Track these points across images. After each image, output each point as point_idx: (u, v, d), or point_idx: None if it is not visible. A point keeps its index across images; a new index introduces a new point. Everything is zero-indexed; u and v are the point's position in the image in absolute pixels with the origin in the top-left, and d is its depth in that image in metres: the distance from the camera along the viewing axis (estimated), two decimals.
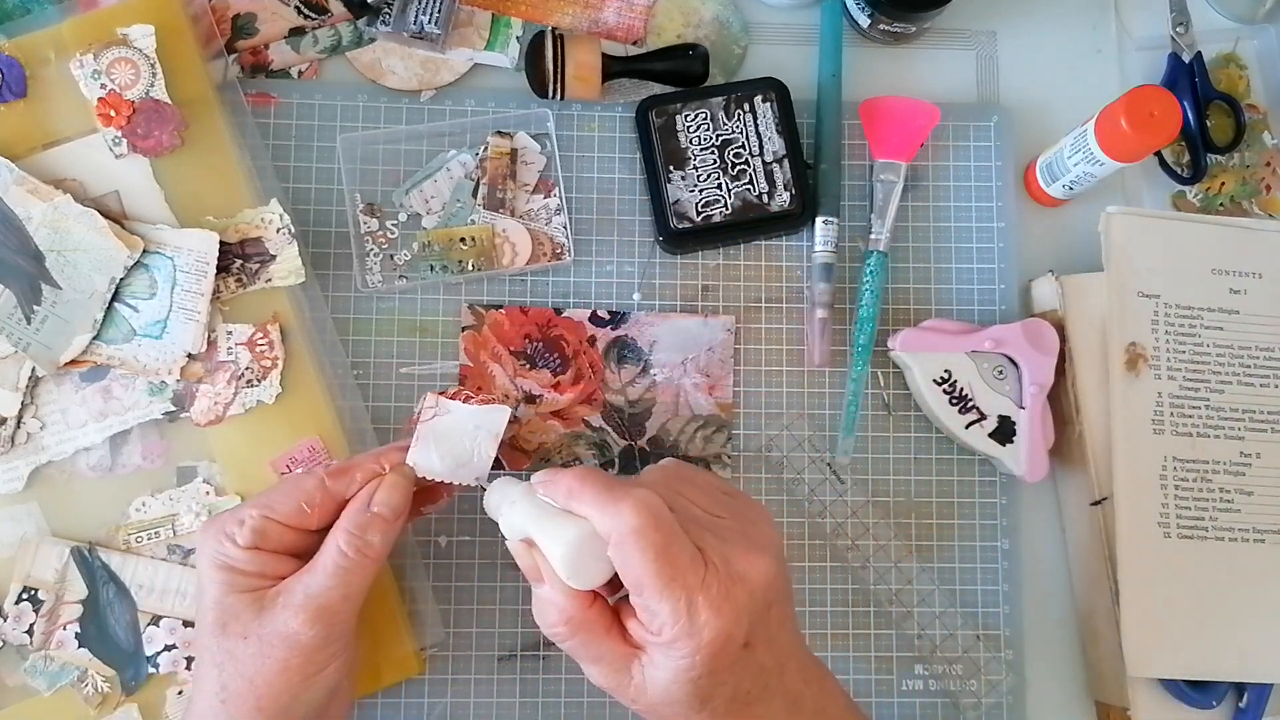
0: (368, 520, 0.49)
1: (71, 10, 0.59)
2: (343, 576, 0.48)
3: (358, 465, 0.51)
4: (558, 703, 0.60)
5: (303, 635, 0.47)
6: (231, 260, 0.59)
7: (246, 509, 0.49)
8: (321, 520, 0.50)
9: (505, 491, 0.50)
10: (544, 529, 0.47)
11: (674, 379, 0.62)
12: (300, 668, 0.47)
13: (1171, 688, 0.59)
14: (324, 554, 0.49)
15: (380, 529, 0.49)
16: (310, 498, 0.49)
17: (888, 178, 0.64)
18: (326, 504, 0.50)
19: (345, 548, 0.48)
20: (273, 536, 0.49)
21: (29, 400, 0.57)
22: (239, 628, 0.47)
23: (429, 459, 0.52)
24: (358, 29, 0.64)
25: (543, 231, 0.63)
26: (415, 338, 0.62)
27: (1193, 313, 0.62)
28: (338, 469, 0.51)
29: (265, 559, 0.49)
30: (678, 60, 0.64)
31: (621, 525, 0.44)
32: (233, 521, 0.49)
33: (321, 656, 0.48)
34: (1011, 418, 0.61)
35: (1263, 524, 0.61)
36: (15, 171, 0.57)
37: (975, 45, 0.68)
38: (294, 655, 0.47)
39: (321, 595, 0.47)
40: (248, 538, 0.48)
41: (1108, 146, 0.59)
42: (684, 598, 0.43)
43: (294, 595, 0.48)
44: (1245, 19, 0.70)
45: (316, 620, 0.47)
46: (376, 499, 0.50)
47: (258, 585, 0.48)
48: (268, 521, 0.49)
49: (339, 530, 0.49)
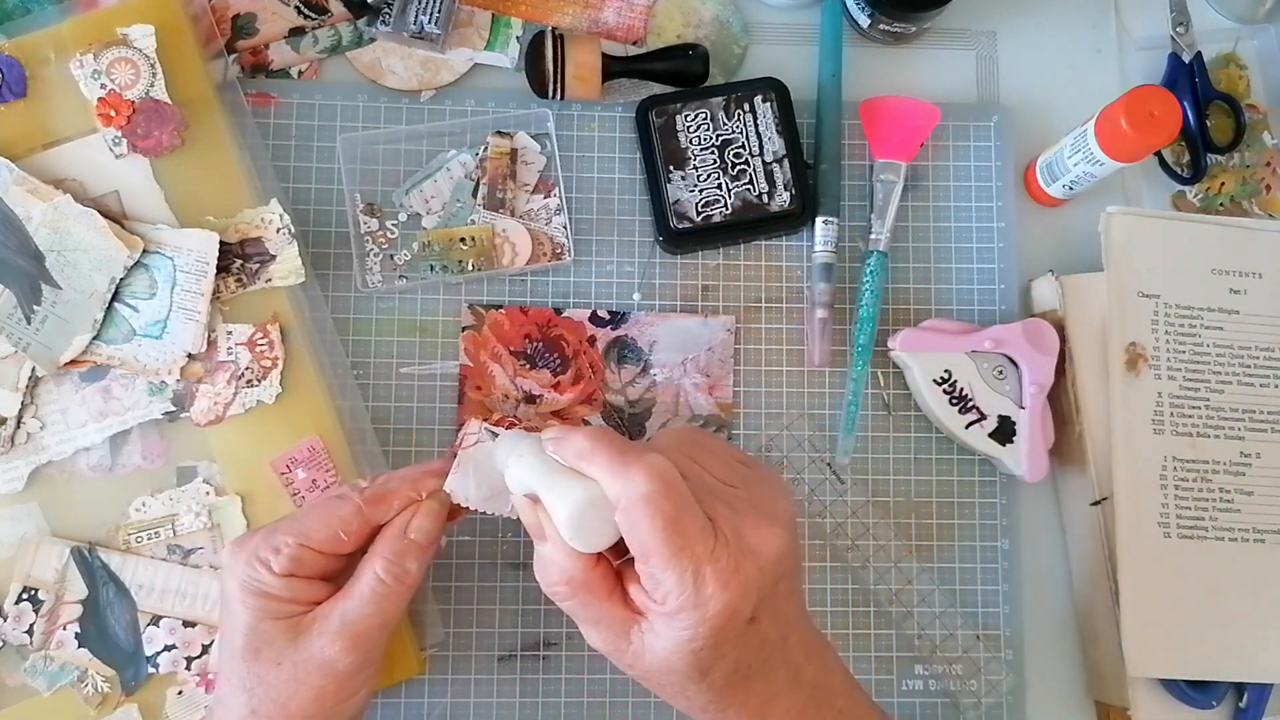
0: (405, 547, 0.48)
1: (71, 10, 0.59)
2: (380, 604, 0.48)
3: (395, 493, 0.50)
4: (558, 703, 0.60)
5: (340, 663, 0.47)
6: (231, 260, 0.59)
7: (281, 535, 0.48)
8: (355, 545, 0.49)
9: (514, 445, 0.49)
10: (551, 487, 0.46)
11: (674, 379, 0.62)
12: (335, 693, 0.47)
13: (1171, 688, 0.59)
14: (361, 581, 0.48)
15: (417, 556, 0.49)
16: (347, 525, 0.49)
17: (888, 178, 0.64)
18: (362, 530, 0.49)
19: (383, 575, 0.48)
20: (307, 563, 0.48)
21: (29, 400, 0.57)
22: (272, 654, 0.47)
23: (465, 487, 0.50)
24: (358, 29, 0.64)
25: (543, 231, 0.63)
26: (415, 338, 0.62)
27: (1193, 313, 0.62)
28: (374, 495, 0.50)
29: (300, 586, 0.48)
30: (678, 60, 0.64)
31: (631, 491, 0.43)
32: (267, 548, 0.48)
33: (355, 682, 0.48)
34: (1011, 418, 0.61)
35: (1263, 524, 0.61)
36: (15, 171, 0.57)
37: (975, 45, 0.68)
38: (330, 682, 0.47)
39: (359, 622, 0.47)
40: (284, 565, 0.48)
41: (1108, 146, 0.59)
42: (691, 569, 0.42)
43: (330, 622, 0.47)
44: (1245, 19, 0.70)
45: (354, 648, 0.47)
46: (413, 526, 0.49)
47: (292, 612, 0.48)
48: (304, 549, 0.48)
49: (376, 557, 0.48)
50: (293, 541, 0.48)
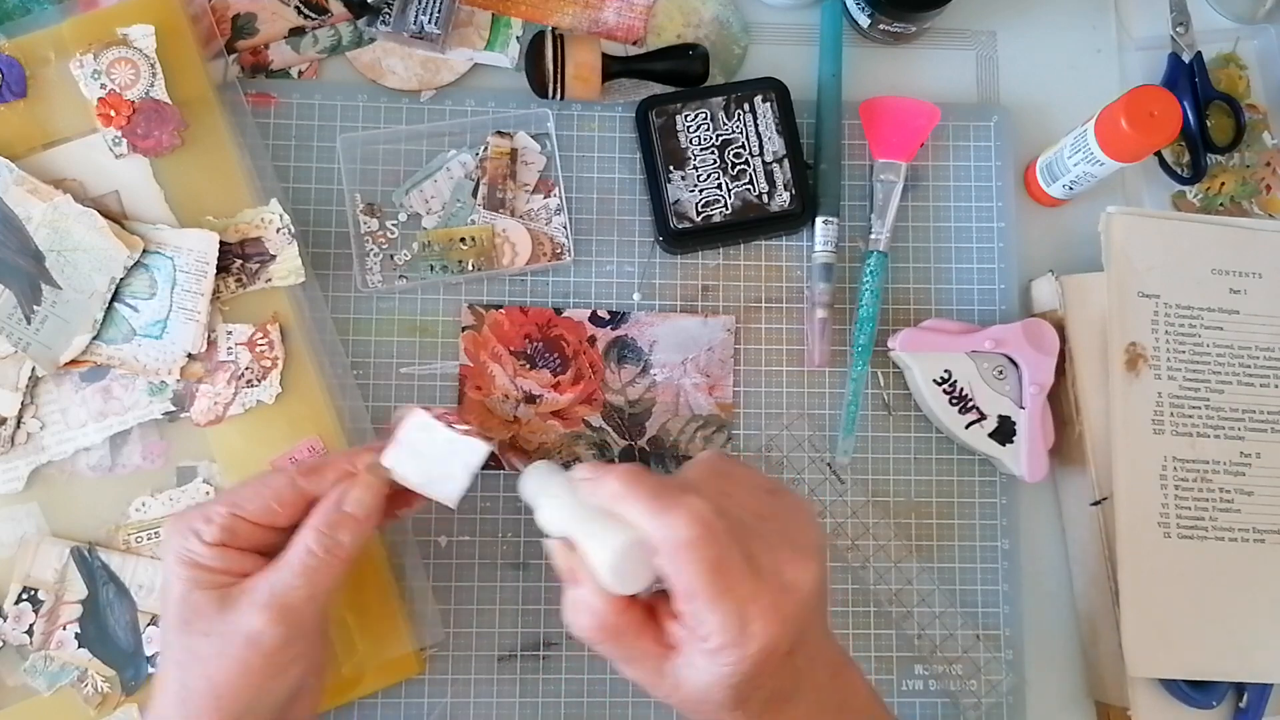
0: (338, 519, 0.48)
1: (71, 10, 0.59)
2: (309, 576, 0.47)
3: (330, 464, 0.50)
4: (558, 703, 0.60)
5: (265, 635, 0.46)
6: (231, 260, 0.59)
7: (215, 505, 0.48)
8: (291, 518, 0.49)
9: (544, 483, 0.49)
10: (589, 533, 0.45)
11: (674, 379, 0.62)
12: (261, 668, 0.46)
13: (1171, 688, 0.59)
14: (291, 552, 0.47)
15: (351, 528, 0.48)
16: (280, 495, 0.48)
17: (888, 178, 0.64)
18: (297, 502, 0.49)
19: (314, 546, 0.47)
20: (241, 534, 0.48)
21: (29, 400, 0.57)
22: (202, 625, 0.46)
23: (403, 465, 0.50)
24: (358, 29, 0.64)
25: (543, 231, 0.63)
26: (415, 338, 0.62)
27: (1193, 313, 0.62)
28: (309, 467, 0.50)
29: (232, 556, 0.47)
30: (678, 60, 0.64)
31: (673, 536, 0.43)
32: (199, 518, 0.48)
33: (283, 658, 0.47)
34: (1011, 418, 0.61)
35: (1263, 524, 0.61)
36: (15, 171, 0.57)
37: (975, 45, 0.68)
38: (255, 655, 0.46)
39: (286, 594, 0.46)
40: (215, 535, 0.47)
41: (1108, 146, 0.59)
42: (735, 610, 0.42)
43: (258, 593, 0.46)
44: (1245, 19, 0.70)
45: (280, 620, 0.46)
46: (348, 498, 0.48)
47: (223, 582, 0.47)
48: (236, 519, 0.48)
49: (308, 528, 0.48)
50: (224, 511, 0.48)
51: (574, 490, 0.47)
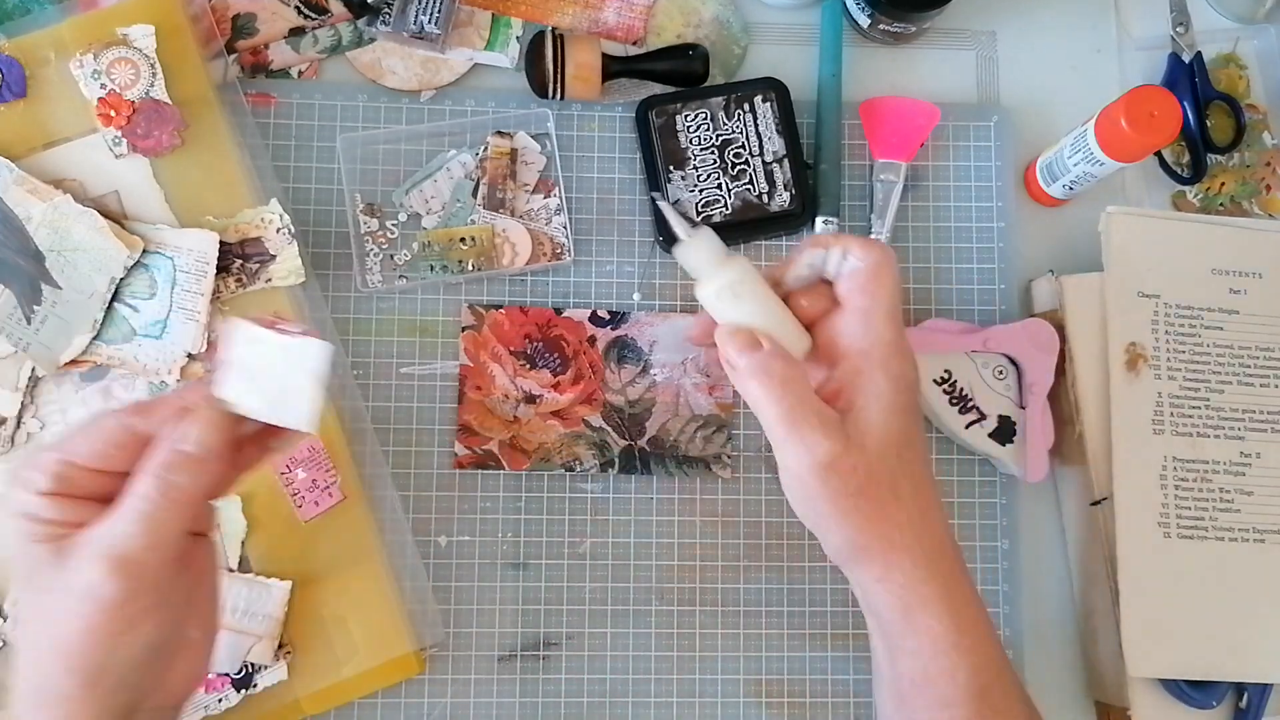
0: (174, 459, 0.43)
1: (71, 10, 0.59)
2: (146, 523, 0.42)
3: (163, 400, 0.45)
4: (558, 703, 0.60)
5: (104, 588, 0.41)
6: (231, 260, 0.59)
7: (45, 453, 0.44)
8: (127, 462, 0.44)
9: (729, 276, 0.48)
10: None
11: (674, 379, 0.62)
12: (105, 625, 0.42)
13: (1171, 688, 0.59)
14: (126, 497, 0.43)
15: (189, 469, 0.43)
16: (112, 437, 0.44)
17: (888, 178, 0.64)
18: (130, 444, 0.44)
19: (150, 490, 0.43)
20: (76, 481, 0.43)
21: (29, 400, 0.57)
22: (42, 581, 0.43)
23: (239, 393, 0.44)
24: (358, 29, 0.64)
25: (543, 231, 0.63)
26: (415, 338, 0.62)
27: (1193, 313, 0.62)
28: (140, 405, 0.45)
29: (67, 505, 0.43)
30: (678, 60, 0.64)
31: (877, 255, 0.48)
32: (30, 467, 0.44)
33: (128, 612, 0.42)
34: (1011, 418, 0.61)
35: (1263, 524, 0.61)
36: (15, 171, 0.57)
37: (975, 45, 0.68)
38: (96, 611, 0.42)
39: (122, 544, 0.42)
40: (46, 483, 0.43)
41: (1108, 146, 0.59)
42: (901, 331, 0.48)
43: (93, 544, 0.42)
44: (1245, 19, 0.70)
45: (116, 571, 0.42)
46: (180, 433, 0.43)
47: (58, 534, 0.43)
48: (67, 465, 0.43)
49: (142, 472, 0.43)
50: (54, 457, 0.43)
51: (756, 286, 0.49)
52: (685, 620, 0.61)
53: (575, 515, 0.61)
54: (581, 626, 0.60)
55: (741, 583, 0.61)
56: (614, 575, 0.61)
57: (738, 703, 0.60)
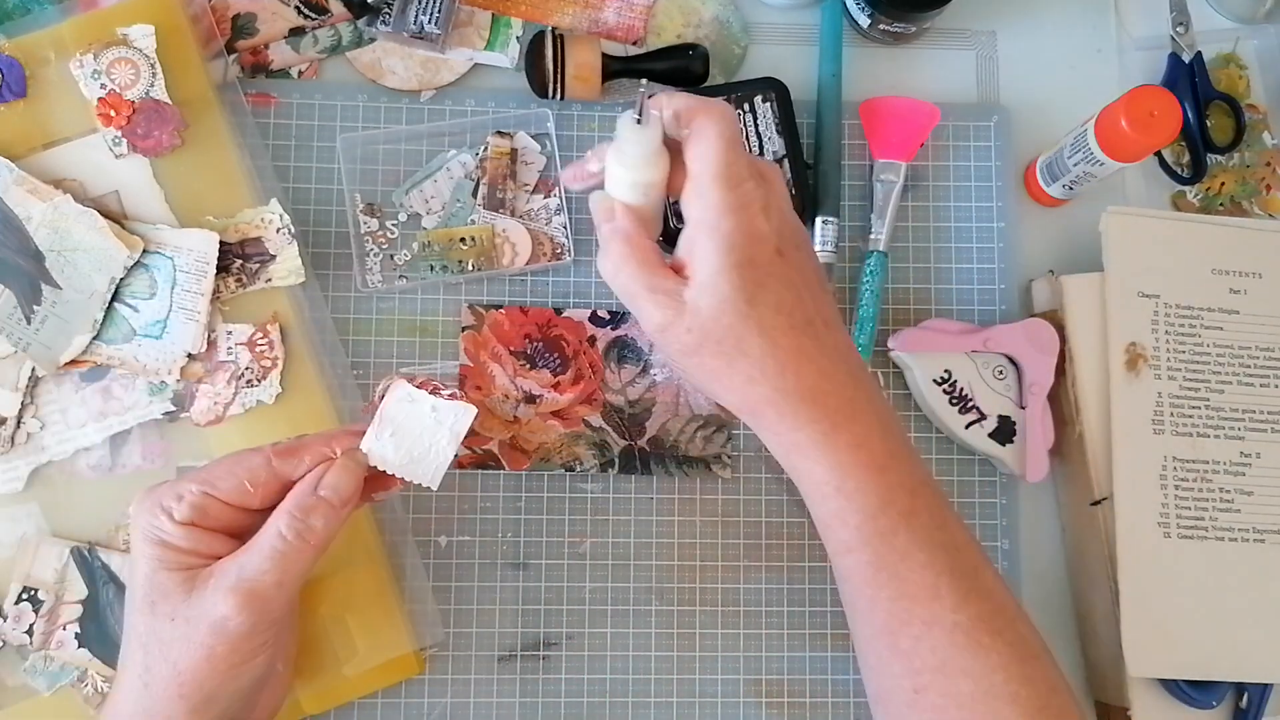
0: (313, 504, 0.46)
1: (71, 10, 0.59)
2: (279, 561, 0.45)
3: (307, 446, 0.48)
4: (558, 703, 0.60)
5: (231, 621, 0.44)
6: (231, 260, 0.59)
7: (186, 483, 0.46)
8: (265, 500, 0.47)
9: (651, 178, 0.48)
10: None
11: (674, 379, 0.62)
12: (226, 656, 0.45)
13: (1171, 688, 0.59)
14: (262, 536, 0.46)
15: (325, 514, 0.46)
16: (255, 476, 0.46)
17: (888, 178, 0.64)
18: (271, 484, 0.47)
19: (286, 531, 0.45)
20: (212, 514, 0.46)
21: (29, 400, 0.57)
22: (167, 608, 0.45)
23: (383, 448, 0.48)
24: (358, 29, 0.64)
25: (543, 231, 0.63)
26: (415, 338, 0.62)
27: (1193, 313, 0.62)
28: (286, 448, 0.48)
29: (201, 536, 0.46)
30: (678, 60, 0.64)
31: (710, 116, 0.46)
32: (170, 495, 0.46)
33: (249, 646, 0.45)
34: (1011, 418, 0.61)
35: (1263, 524, 0.61)
36: (15, 171, 0.57)
37: (975, 45, 0.68)
38: (220, 642, 0.44)
39: (255, 579, 0.45)
40: (185, 513, 0.45)
41: (1108, 146, 0.59)
42: (737, 177, 0.46)
43: (226, 577, 0.45)
44: (1245, 19, 0.70)
45: (246, 606, 0.44)
46: (325, 482, 0.47)
47: (191, 564, 0.45)
48: (208, 498, 0.46)
49: (281, 512, 0.46)
50: (196, 489, 0.46)
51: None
52: (685, 620, 0.61)
53: (575, 515, 0.61)
54: (581, 626, 0.60)
55: (741, 583, 0.61)
56: (614, 575, 0.61)
57: (738, 703, 0.60)
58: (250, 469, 0.47)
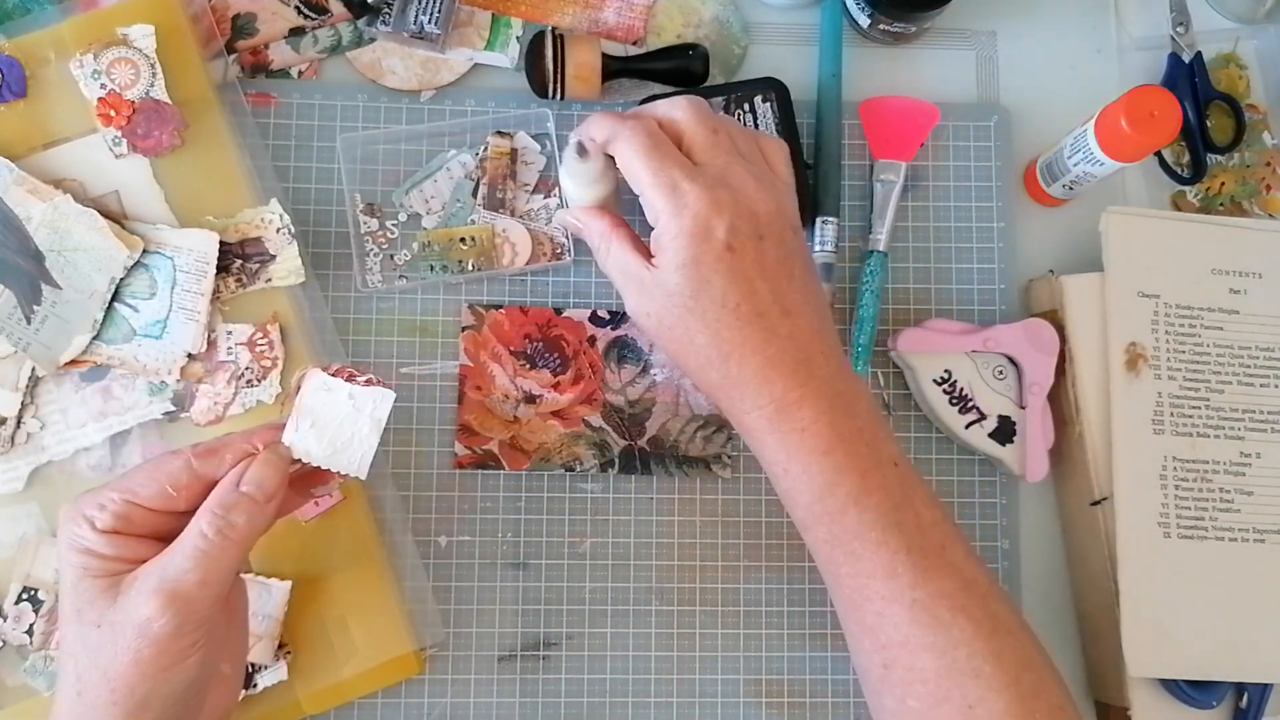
0: (234, 500, 0.46)
1: (71, 10, 0.59)
2: (201, 560, 0.44)
3: (228, 445, 0.47)
4: (558, 703, 0.60)
5: (155, 623, 0.43)
6: (231, 260, 0.59)
7: (108, 491, 0.46)
8: (190, 503, 0.46)
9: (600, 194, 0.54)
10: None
11: (674, 379, 0.62)
12: (154, 659, 0.44)
13: (1171, 688, 0.59)
14: (185, 536, 0.45)
15: (247, 510, 0.46)
16: (176, 479, 0.46)
17: (888, 178, 0.64)
18: (194, 486, 0.46)
19: (207, 529, 0.45)
20: (136, 520, 0.46)
21: (29, 400, 0.57)
22: (93, 615, 0.44)
23: (305, 440, 0.48)
24: (358, 29, 0.64)
25: (543, 231, 0.63)
26: (415, 338, 0.62)
27: (1193, 313, 0.62)
28: (206, 448, 0.47)
29: (126, 543, 0.45)
30: (678, 60, 0.64)
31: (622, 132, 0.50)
32: (92, 504, 0.46)
33: (177, 647, 0.44)
34: (1011, 418, 0.61)
35: (1263, 524, 0.61)
36: (15, 171, 0.57)
37: (975, 45, 0.68)
38: (146, 645, 0.44)
39: (177, 579, 0.44)
40: (107, 521, 0.45)
41: (1108, 146, 0.59)
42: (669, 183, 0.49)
43: (149, 579, 0.44)
44: (1245, 19, 0.70)
45: (169, 606, 0.43)
46: (246, 478, 0.46)
47: (116, 570, 0.45)
48: (130, 505, 0.46)
49: (203, 511, 0.45)
50: (117, 497, 0.46)
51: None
52: (685, 620, 0.61)
53: (575, 515, 0.61)
54: (581, 626, 0.60)
55: (741, 583, 0.61)
56: (614, 575, 0.61)
57: (738, 703, 0.60)
58: (171, 472, 0.46)
